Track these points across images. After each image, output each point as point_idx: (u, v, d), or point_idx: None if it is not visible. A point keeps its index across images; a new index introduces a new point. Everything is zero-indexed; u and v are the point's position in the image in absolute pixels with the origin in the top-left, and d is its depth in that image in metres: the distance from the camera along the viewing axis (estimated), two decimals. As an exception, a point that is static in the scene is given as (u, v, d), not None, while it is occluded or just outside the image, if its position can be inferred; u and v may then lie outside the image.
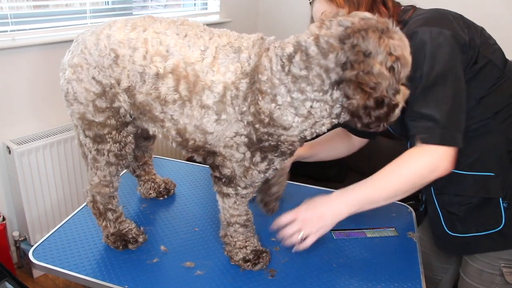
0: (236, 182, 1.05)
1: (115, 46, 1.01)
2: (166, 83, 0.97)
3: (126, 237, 1.19)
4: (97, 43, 1.03)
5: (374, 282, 1.12)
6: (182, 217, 1.36)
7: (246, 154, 1.00)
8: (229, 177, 1.05)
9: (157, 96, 0.99)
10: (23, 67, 1.94)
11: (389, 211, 1.45)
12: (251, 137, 0.97)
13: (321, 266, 1.17)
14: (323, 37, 0.85)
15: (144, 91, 1.00)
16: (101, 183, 1.16)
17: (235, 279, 1.10)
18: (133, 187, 1.46)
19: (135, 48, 1.00)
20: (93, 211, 1.20)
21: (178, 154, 2.76)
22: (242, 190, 1.07)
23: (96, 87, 1.04)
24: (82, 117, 1.08)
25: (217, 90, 0.95)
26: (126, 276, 1.09)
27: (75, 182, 2.15)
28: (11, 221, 2.11)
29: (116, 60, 1.01)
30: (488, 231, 1.14)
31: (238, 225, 1.13)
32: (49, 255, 1.16)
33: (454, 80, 0.99)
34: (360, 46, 0.82)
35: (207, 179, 1.63)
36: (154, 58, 0.97)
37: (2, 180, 2.02)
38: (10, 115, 1.96)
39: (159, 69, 0.97)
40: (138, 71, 0.99)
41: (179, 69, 0.96)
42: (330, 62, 0.85)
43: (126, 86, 1.02)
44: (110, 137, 1.09)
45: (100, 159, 1.12)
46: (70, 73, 1.05)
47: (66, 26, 2.09)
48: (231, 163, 1.03)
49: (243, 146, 0.99)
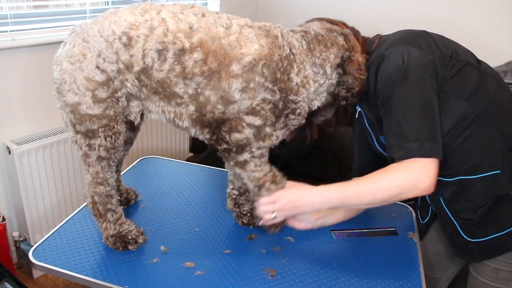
0: (249, 147, 1.11)
1: (126, 29, 1.02)
2: (193, 57, 1.02)
3: (126, 238, 1.19)
4: (101, 30, 1.03)
5: (374, 282, 1.12)
6: (182, 217, 1.36)
7: (269, 120, 1.08)
8: (241, 145, 1.10)
9: (182, 71, 1.03)
10: (23, 67, 1.93)
11: (389, 211, 1.45)
12: (277, 104, 1.07)
13: (321, 266, 1.17)
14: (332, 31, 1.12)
15: (166, 68, 1.03)
16: (95, 181, 1.15)
17: (235, 279, 1.10)
18: (133, 187, 1.46)
19: (152, 28, 1.02)
20: (93, 212, 1.20)
21: (178, 154, 2.76)
22: (256, 151, 1.12)
23: (100, 76, 1.04)
24: (74, 110, 1.07)
25: (247, 60, 1.03)
26: (126, 276, 1.09)
27: (75, 183, 2.15)
28: (11, 221, 2.11)
29: (129, 42, 1.02)
30: (508, 229, 1.13)
31: (268, 183, 1.15)
32: (49, 255, 1.16)
33: (422, 95, 1.03)
34: (350, 43, 1.12)
35: (207, 179, 1.63)
36: (178, 35, 1.01)
37: (2, 180, 2.02)
38: (10, 115, 1.96)
39: (185, 44, 1.01)
40: (158, 48, 1.01)
41: (207, 44, 1.02)
42: (337, 52, 1.10)
43: (141, 68, 1.04)
44: (103, 131, 1.08)
45: (91, 154, 1.11)
46: (69, 63, 1.04)
47: (66, 26, 2.09)
48: (250, 129, 1.08)
49: (268, 112, 1.07)
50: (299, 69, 1.07)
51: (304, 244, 1.26)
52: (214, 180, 1.62)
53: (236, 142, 1.10)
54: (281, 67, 1.05)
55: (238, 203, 1.34)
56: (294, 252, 1.22)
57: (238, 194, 1.34)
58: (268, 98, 1.06)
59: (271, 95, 1.06)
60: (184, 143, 2.80)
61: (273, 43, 1.05)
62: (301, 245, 1.26)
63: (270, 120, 1.08)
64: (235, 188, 1.34)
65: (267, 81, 1.05)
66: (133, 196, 1.42)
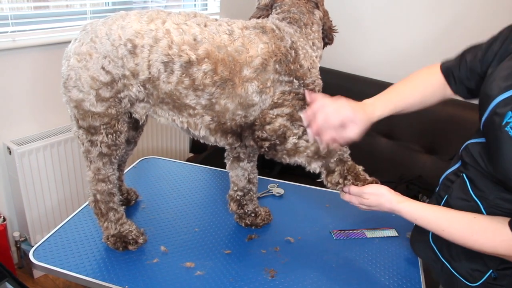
0: (290, 131, 1.09)
1: (131, 36, 1.02)
2: (202, 68, 1.02)
3: (126, 238, 1.19)
4: (109, 33, 1.04)
5: (374, 282, 1.12)
6: (182, 217, 1.36)
7: (297, 105, 1.08)
8: (280, 134, 1.09)
9: (191, 83, 1.03)
10: (24, 67, 1.94)
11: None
12: (298, 91, 1.08)
13: (321, 266, 1.17)
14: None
15: (174, 81, 1.03)
16: (96, 178, 1.15)
17: (235, 279, 1.11)
18: (133, 187, 1.46)
19: (157, 39, 1.02)
20: (95, 211, 1.20)
21: (178, 155, 2.76)
22: (299, 131, 1.09)
23: (105, 77, 1.05)
24: (78, 106, 1.08)
25: (258, 62, 1.04)
26: (126, 276, 1.10)
27: (76, 183, 2.15)
28: (12, 222, 2.11)
29: (133, 51, 1.02)
30: None
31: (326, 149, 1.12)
32: (49, 256, 1.17)
33: None
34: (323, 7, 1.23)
35: (207, 179, 1.63)
36: (183, 47, 1.01)
37: (3, 180, 2.02)
38: (11, 116, 1.96)
39: (191, 56, 1.01)
40: (163, 60, 1.02)
41: (213, 53, 1.02)
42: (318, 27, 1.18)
43: (146, 77, 1.04)
44: (105, 128, 1.09)
45: (93, 150, 1.12)
46: (76, 60, 1.05)
47: (67, 27, 2.09)
48: (281, 118, 1.08)
49: (293, 100, 1.08)
50: (304, 54, 1.10)
51: (304, 244, 1.26)
52: (214, 180, 1.63)
53: (274, 132, 1.09)
54: (291, 58, 1.07)
55: (242, 203, 1.34)
56: (294, 252, 1.22)
57: (242, 194, 1.34)
58: (287, 89, 1.08)
59: (289, 86, 1.08)
60: (184, 143, 2.80)
61: (274, 37, 1.06)
62: (301, 245, 1.26)
63: (298, 105, 1.09)
64: (238, 189, 1.34)
65: (282, 75, 1.06)
66: (133, 197, 1.43)
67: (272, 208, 1.40)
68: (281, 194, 1.54)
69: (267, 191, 1.55)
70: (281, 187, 1.58)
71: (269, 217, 1.36)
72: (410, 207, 1.04)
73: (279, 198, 1.53)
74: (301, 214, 1.43)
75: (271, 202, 1.49)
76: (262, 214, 1.35)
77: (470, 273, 1.03)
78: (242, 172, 1.31)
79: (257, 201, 1.37)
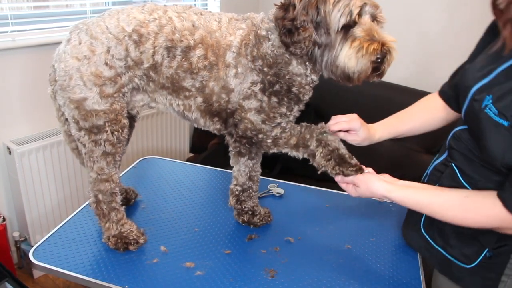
0: (261, 129, 1.15)
1: (137, 27, 1.07)
2: (196, 53, 1.09)
3: (127, 239, 1.19)
4: (110, 27, 1.06)
5: (374, 282, 1.12)
6: (182, 217, 1.36)
7: (263, 100, 1.12)
8: (253, 132, 1.16)
9: (189, 66, 1.09)
10: (24, 67, 1.94)
11: (389, 211, 1.45)
12: (264, 83, 1.11)
13: (321, 266, 1.17)
14: None
15: (175, 65, 1.09)
16: (99, 178, 1.15)
17: (235, 279, 1.11)
18: (133, 187, 1.46)
19: (161, 26, 1.08)
20: (97, 212, 1.20)
21: (178, 154, 2.76)
22: (271, 132, 1.16)
23: (109, 72, 1.06)
24: (79, 106, 1.08)
25: (235, 45, 1.10)
26: (126, 276, 1.10)
27: (75, 183, 2.15)
28: (12, 222, 2.11)
29: (139, 39, 1.07)
30: None
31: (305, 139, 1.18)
32: (49, 256, 1.17)
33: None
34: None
35: (207, 179, 1.63)
36: (184, 33, 1.08)
37: (3, 180, 2.02)
38: (11, 116, 1.96)
39: (190, 41, 1.08)
40: (167, 46, 1.08)
41: (206, 39, 1.09)
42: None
43: (150, 64, 1.09)
44: (109, 125, 1.10)
45: (96, 149, 1.12)
46: (75, 60, 1.05)
47: (67, 27, 2.09)
48: (251, 114, 1.13)
49: (259, 93, 1.12)
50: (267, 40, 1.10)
51: (304, 244, 1.26)
52: (214, 180, 1.63)
53: (245, 130, 1.16)
54: (256, 44, 1.10)
55: (240, 199, 1.34)
56: (294, 252, 1.22)
57: (241, 190, 1.34)
58: (255, 79, 1.11)
59: (256, 76, 1.11)
60: (184, 143, 2.80)
61: (251, 24, 1.12)
62: (301, 245, 1.26)
63: (264, 100, 1.12)
64: (238, 184, 1.34)
65: (249, 61, 1.10)
66: (132, 196, 1.43)
67: (272, 208, 1.40)
68: (281, 194, 1.54)
69: (267, 191, 1.55)
70: (281, 187, 1.57)
71: (268, 218, 1.36)
72: (402, 195, 1.05)
73: (279, 198, 1.53)
74: (301, 214, 1.42)
75: (271, 202, 1.48)
76: (261, 213, 1.34)
77: (466, 255, 1.07)
78: (244, 168, 1.31)
79: (257, 200, 1.36)
